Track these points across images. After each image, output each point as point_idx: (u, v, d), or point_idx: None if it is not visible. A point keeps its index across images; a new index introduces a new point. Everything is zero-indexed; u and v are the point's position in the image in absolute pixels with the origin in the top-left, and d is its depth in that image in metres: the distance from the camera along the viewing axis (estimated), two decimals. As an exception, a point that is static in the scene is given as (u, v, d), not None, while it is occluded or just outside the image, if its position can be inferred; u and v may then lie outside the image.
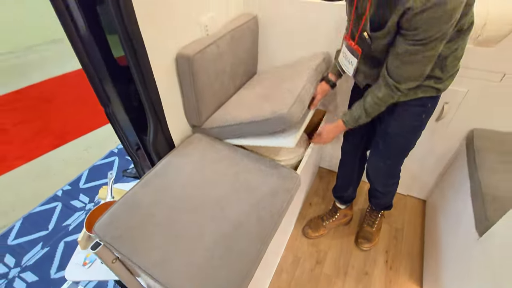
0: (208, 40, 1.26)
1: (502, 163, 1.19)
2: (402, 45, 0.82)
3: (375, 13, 0.85)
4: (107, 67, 1.11)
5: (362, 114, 1.04)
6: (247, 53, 1.61)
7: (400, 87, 0.91)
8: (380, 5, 0.82)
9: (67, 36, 1.02)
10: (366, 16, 0.88)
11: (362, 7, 0.89)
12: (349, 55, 1.03)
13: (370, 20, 0.87)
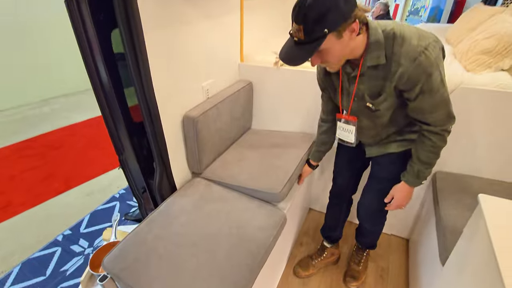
0: (209, 104, 1.56)
1: (458, 200, 1.39)
2: (420, 102, 0.92)
3: (368, 88, 0.98)
4: (125, 122, 1.36)
5: (422, 168, 1.08)
6: (242, 113, 1.90)
7: (448, 128, 0.99)
8: (371, 81, 0.96)
9: (93, 88, 1.27)
10: (355, 91, 1.01)
11: (349, 88, 1.03)
12: (346, 126, 1.14)
13: (366, 93, 0.99)
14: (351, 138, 1.16)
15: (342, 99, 1.09)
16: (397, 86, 0.92)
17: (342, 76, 1.03)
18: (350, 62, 0.98)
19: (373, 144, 1.23)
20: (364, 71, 0.94)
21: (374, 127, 1.11)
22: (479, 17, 1.83)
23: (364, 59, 0.91)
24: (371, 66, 0.92)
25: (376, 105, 0.99)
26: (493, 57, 1.44)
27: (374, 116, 1.05)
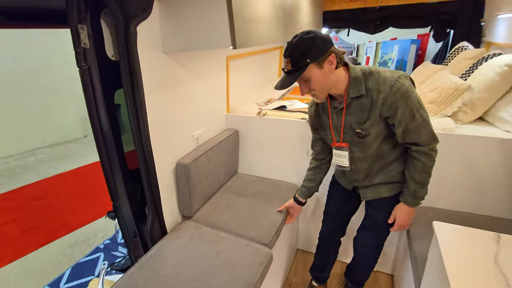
0: (200, 151, 1.72)
1: (427, 233, 1.53)
2: (405, 125, 1.06)
3: (355, 118, 1.12)
4: (121, 169, 1.47)
5: (417, 187, 1.18)
6: (229, 158, 2.07)
7: (434, 147, 1.12)
8: (357, 111, 1.11)
9: (94, 135, 1.39)
10: (343, 122, 1.15)
11: (338, 122, 1.18)
12: (339, 152, 1.25)
13: (354, 122, 1.13)
14: (345, 162, 1.24)
15: (334, 133, 1.22)
16: (381, 113, 1.06)
17: (331, 113, 1.18)
18: (336, 98, 1.16)
19: (368, 184, 1.30)
20: (350, 103, 1.10)
21: (364, 158, 1.20)
22: (427, 73, 2.20)
23: (347, 92, 1.10)
24: (354, 97, 1.09)
25: (364, 130, 1.11)
26: (438, 106, 1.73)
27: (364, 145, 1.16)
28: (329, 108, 1.19)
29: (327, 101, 1.21)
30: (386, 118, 1.08)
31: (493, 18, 2.34)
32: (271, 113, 2.07)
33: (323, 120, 1.25)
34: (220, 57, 1.98)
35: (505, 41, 2.16)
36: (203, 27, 1.24)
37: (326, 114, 1.23)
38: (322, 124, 1.28)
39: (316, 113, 1.28)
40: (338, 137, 1.21)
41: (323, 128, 1.28)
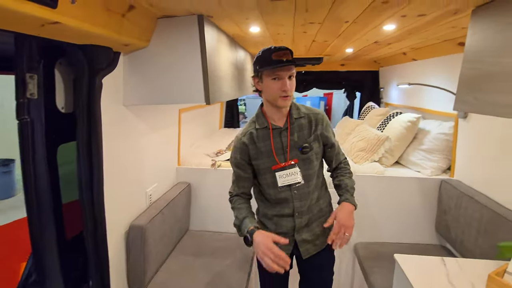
0: (155, 210, 1.56)
1: (379, 267, 1.69)
2: (333, 145, 1.24)
3: (298, 136, 1.17)
4: (57, 238, 1.19)
5: (350, 188, 1.24)
6: (183, 214, 1.93)
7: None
8: (300, 130, 1.17)
9: (26, 197, 1.11)
10: (289, 141, 1.17)
11: (282, 141, 1.17)
12: (289, 171, 1.17)
13: (299, 138, 1.17)
14: (298, 178, 1.17)
15: (278, 156, 1.17)
16: (321, 132, 1.19)
17: (273, 136, 1.17)
18: (274, 123, 1.18)
19: (308, 239, 1.25)
20: (293, 122, 1.17)
21: (308, 178, 1.19)
22: (350, 126, 2.65)
23: (290, 114, 1.18)
24: (297, 118, 1.18)
25: (309, 143, 1.17)
26: (367, 153, 2.08)
27: (307, 161, 1.18)
28: (271, 132, 1.18)
29: (267, 127, 1.18)
30: (322, 137, 1.20)
31: (388, 86, 3.11)
32: (225, 164, 2.08)
33: (261, 146, 1.18)
34: (173, 109, 1.96)
35: (396, 103, 2.86)
36: (176, 84, 1.25)
37: (265, 139, 1.19)
38: (259, 152, 1.19)
39: (251, 142, 1.19)
40: (284, 158, 1.18)
41: (261, 156, 1.19)
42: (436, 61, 2.01)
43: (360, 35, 1.63)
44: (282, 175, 1.20)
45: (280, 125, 1.18)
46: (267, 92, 1.13)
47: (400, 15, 1.19)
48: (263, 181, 1.21)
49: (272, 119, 1.18)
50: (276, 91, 1.08)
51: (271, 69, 1.05)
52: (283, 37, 1.77)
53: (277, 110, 1.16)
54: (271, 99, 1.13)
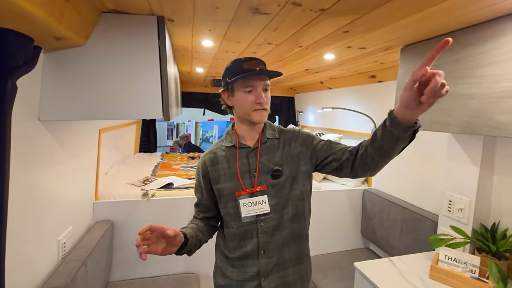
0: (74, 263, 1.15)
1: (327, 278, 1.77)
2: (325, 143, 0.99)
3: (268, 158, 0.97)
4: None
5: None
6: (106, 262, 1.49)
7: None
8: (270, 152, 0.97)
9: None
10: (258, 165, 0.97)
11: (250, 163, 0.98)
12: (256, 199, 0.98)
13: (270, 161, 0.97)
14: (265, 208, 0.97)
15: (243, 180, 0.99)
16: (299, 151, 0.98)
17: (239, 158, 1.00)
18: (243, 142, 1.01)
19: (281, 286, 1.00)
20: (265, 142, 0.99)
21: (279, 215, 0.97)
22: (278, 146, 2.79)
23: (263, 133, 1.01)
24: (270, 138, 1.00)
25: (281, 165, 0.97)
26: (302, 171, 2.22)
27: (278, 187, 0.97)
28: (237, 152, 1.01)
29: (235, 146, 1.01)
30: (304, 153, 0.99)
31: (304, 110, 3.48)
32: (161, 193, 1.78)
33: (225, 168, 1.01)
34: (93, 128, 1.57)
35: (313, 125, 3.23)
36: (121, 94, 1.00)
37: (231, 161, 1.01)
38: (223, 175, 1.01)
39: (213, 163, 1.02)
40: (250, 183, 0.98)
41: (224, 179, 1.01)
42: (349, 90, 2.39)
43: (301, 61, 1.77)
44: (246, 203, 0.99)
45: (249, 145, 1.01)
46: (239, 107, 0.96)
47: (347, 46, 1.35)
48: (225, 211, 1.00)
49: (243, 138, 1.02)
50: (249, 104, 0.93)
51: (243, 78, 0.91)
52: (227, 56, 1.73)
53: (249, 128, 1.00)
54: (244, 114, 0.96)
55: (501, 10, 0.85)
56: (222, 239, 1.05)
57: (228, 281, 1.00)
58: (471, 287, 1.11)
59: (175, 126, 10.51)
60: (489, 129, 0.91)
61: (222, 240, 1.04)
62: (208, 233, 1.07)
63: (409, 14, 0.93)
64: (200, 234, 1.01)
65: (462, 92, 1.01)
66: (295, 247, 0.99)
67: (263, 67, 0.95)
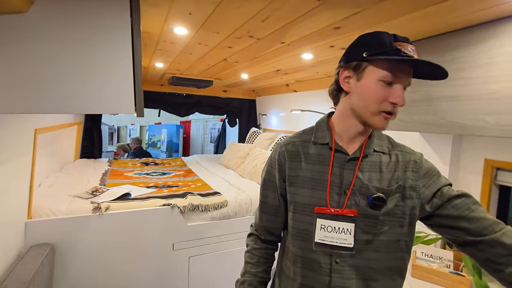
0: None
1: None
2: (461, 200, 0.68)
3: (371, 179, 0.73)
4: None
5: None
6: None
7: None
8: (374, 172, 0.73)
9: None
10: (354, 182, 0.73)
11: (343, 176, 0.74)
12: (337, 225, 0.76)
13: (372, 182, 0.73)
14: (349, 241, 0.74)
15: (331, 194, 0.76)
16: (412, 184, 0.71)
17: (333, 164, 0.76)
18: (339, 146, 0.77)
19: None
20: (368, 154, 0.74)
21: (362, 256, 0.72)
22: (244, 150, 2.67)
23: (368, 141, 0.75)
24: (377, 151, 0.75)
25: (385, 193, 0.71)
26: (272, 175, 2.13)
27: (373, 222, 0.72)
28: (332, 154, 0.76)
29: (329, 145, 0.76)
30: (419, 193, 0.71)
31: (267, 113, 3.44)
32: (116, 206, 1.50)
33: (308, 169, 0.77)
34: (27, 127, 1.24)
35: (276, 128, 3.21)
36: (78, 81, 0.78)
37: (318, 163, 0.77)
38: (302, 177, 0.78)
39: (294, 157, 0.79)
40: (337, 201, 0.75)
41: (303, 183, 0.77)
42: (315, 93, 2.41)
43: (275, 60, 1.70)
44: (325, 226, 0.75)
45: (347, 151, 0.74)
46: (361, 97, 0.68)
47: (330, 45, 1.32)
48: (291, 224, 0.78)
49: (340, 139, 0.75)
50: (380, 101, 0.65)
51: (393, 61, 0.63)
52: (197, 49, 1.56)
53: (357, 128, 0.72)
54: (363, 109, 0.68)
55: (489, 15, 0.89)
56: (281, 258, 0.84)
57: None
58: (451, 282, 1.16)
59: (116, 130, 9.61)
60: (477, 130, 0.95)
61: (281, 260, 0.83)
62: (271, 261, 0.88)
63: (406, 12, 0.93)
64: (262, 271, 0.85)
65: (446, 94, 1.05)
66: None
67: (417, 55, 0.65)
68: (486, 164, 1.26)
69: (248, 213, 1.85)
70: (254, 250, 0.86)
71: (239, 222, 1.81)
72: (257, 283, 0.84)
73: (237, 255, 1.82)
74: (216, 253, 1.74)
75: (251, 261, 0.86)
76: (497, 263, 0.62)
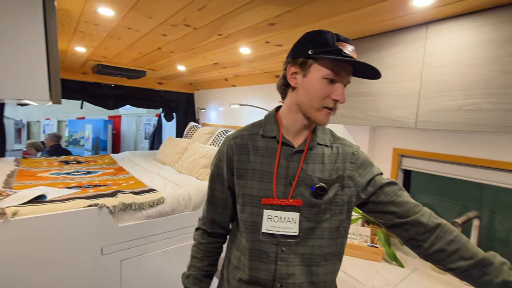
0: None
1: None
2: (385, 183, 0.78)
3: (314, 170, 0.77)
4: None
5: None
6: None
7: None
8: (319, 164, 0.78)
9: None
10: (299, 173, 0.77)
11: (289, 168, 0.78)
12: (283, 215, 0.79)
13: (315, 173, 0.77)
14: (294, 229, 0.78)
15: (277, 186, 0.79)
16: (350, 174, 0.79)
17: (280, 157, 0.80)
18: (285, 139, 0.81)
19: None
20: (313, 147, 0.79)
21: (305, 243, 0.78)
22: (182, 145, 2.57)
23: (313, 134, 0.79)
24: (320, 144, 0.80)
25: (327, 184, 0.77)
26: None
27: (316, 211, 0.77)
28: (279, 147, 0.79)
29: (276, 138, 0.79)
30: (356, 182, 0.79)
31: (206, 108, 3.36)
32: (27, 211, 1.28)
33: (256, 162, 0.80)
34: None
35: (215, 123, 3.17)
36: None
37: (266, 155, 0.80)
38: (251, 170, 0.80)
39: (242, 150, 0.81)
40: (284, 192, 0.79)
41: (251, 176, 0.80)
42: (254, 88, 2.47)
43: (213, 52, 1.68)
44: (272, 216, 0.79)
45: (293, 144, 0.78)
46: (306, 93, 0.72)
47: (265, 41, 1.37)
48: (240, 216, 0.80)
49: (287, 132, 0.78)
50: (322, 97, 0.71)
51: (334, 61, 0.69)
52: (127, 34, 1.43)
53: (302, 123, 0.77)
54: (308, 105, 0.73)
55: (392, 26, 1.06)
56: (230, 250, 0.85)
57: None
58: (368, 253, 1.34)
59: (25, 126, 8.17)
60: (386, 122, 1.12)
61: (231, 252, 0.85)
62: (218, 254, 0.91)
63: (329, 16, 1.03)
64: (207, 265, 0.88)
65: (363, 90, 1.21)
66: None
67: (356, 56, 0.72)
68: (394, 152, 1.49)
69: (187, 209, 1.80)
70: (200, 244, 0.88)
71: (178, 219, 1.75)
72: (201, 276, 0.87)
73: (177, 252, 1.76)
74: (152, 253, 1.65)
75: (197, 256, 0.87)
76: (417, 240, 0.73)
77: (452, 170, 1.28)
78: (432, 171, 1.37)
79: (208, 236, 0.88)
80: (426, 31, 1.00)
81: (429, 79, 0.99)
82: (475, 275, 0.68)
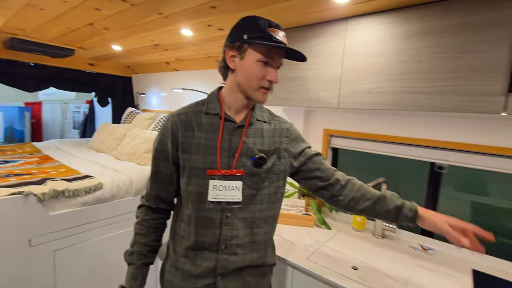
0: None
1: None
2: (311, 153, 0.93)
3: (255, 142, 0.87)
4: None
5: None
6: None
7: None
8: (258, 137, 0.87)
9: None
10: (241, 146, 0.86)
11: (231, 141, 0.86)
12: (228, 184, 0.86)
13: (255, 145, 0.87)
14: (238, 196, 0.87)
15: (221, 158, 0.86)
16: (285, 147, 0.91)
17: (223, 132, 0.87)
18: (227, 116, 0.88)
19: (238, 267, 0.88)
20: (253, 123, 0.88)
21: (247, 209, 0.87)
22: (120, 131, 2.42)
23: (252, 112, 0.88)
24: (259, 120, 0.89)
25: (266, 154, 0.87)
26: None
27: (257, 179, 0.87)
28: (222, 123, 0.86)
29: (219, 115, 0.86)
30: (290, 153, 0.91)
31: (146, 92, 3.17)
32: None
33: (201, 137, 0.86)
34: None
35: (156, 108, 3.05)
36: None
37: (210, 131, 0.86)
38: (195, 145, 0.86)
39: (186, 126, 0.86)
40: (227, 163, 0.87)
41: (196, 150, 0.86)
42: (197, 73, 2.45)
43: (153, 32, 1.62)
44: (217, 185, 0.86)
45: (235, 120, 0.86)
46: (245, 76, 0.80)
47: (207, 24, 1.40)
48: (187, 188, 0.85)
49: (229, 109, 0.86)
50: (258, 78, 0.79)
51: (266, 46, 0.77)
52: (52, 5, 1.29)
53: (243, 101, 0.85)
54: (246, 86, 0.81)
55: (321, 17, 1.20)
56: (176, 224, 0.91)
57: (179, 276, 0.87)
58: (303, 220, 1.52)
59: None
60: (316, 103, 1.28)
61: (176, 226, 0.90)
62: (162, 230, 0.95)
63: (266, 4, 1.12)
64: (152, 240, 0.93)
65: (297, 75, 1.34)
66: (259, 249, 0.89)
67: (286, 41, 0.81)
68: (324, 133, 1.69)
69: (128, 194, 1.75)
70: (144, 221, 0.91)
71: (119, 205, 1.68)
72: (146, 252, 0.91)
73: (119, 239, 1.70)
74: (90, 241, 1.57)
75: (141, 232, 0.91)
76: (336, 195, 0.92)
77: (371, 147, 1.53)
78: (355, 148, 1.60)
79: (152, 212, 0.92)
80: (346, 25, 1.17)
81: (348, 66, 1.17)
82: (377, 209, 0.89)
